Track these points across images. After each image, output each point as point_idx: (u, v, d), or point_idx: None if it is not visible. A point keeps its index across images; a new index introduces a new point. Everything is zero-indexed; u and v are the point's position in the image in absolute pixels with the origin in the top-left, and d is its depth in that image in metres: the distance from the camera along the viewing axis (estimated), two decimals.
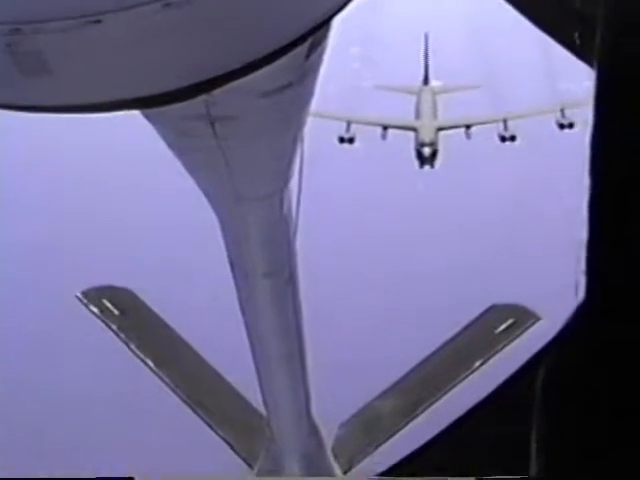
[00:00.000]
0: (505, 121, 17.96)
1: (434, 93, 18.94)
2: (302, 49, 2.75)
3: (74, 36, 1.83)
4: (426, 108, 18.63)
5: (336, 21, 2.46)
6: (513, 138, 17.94)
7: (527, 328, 10.96)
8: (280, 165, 4.53)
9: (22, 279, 15.43)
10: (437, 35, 18.64)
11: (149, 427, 13.90)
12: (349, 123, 17.91)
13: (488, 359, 10.78)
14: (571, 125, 17.58)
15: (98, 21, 1.82)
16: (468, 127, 18.09)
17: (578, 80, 14.91)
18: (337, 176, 16.28)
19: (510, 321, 11.03)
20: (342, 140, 17.79)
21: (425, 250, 16.34)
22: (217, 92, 2.44)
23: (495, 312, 11.20)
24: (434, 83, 19.09)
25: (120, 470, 10.95)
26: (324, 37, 3.02)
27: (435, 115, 18.62)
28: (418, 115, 18.62)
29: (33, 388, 14.37)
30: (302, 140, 4.48)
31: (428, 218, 16.97)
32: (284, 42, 2.14)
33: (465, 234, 16.44)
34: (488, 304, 11.23)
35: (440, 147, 17.95)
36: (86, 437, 13.91)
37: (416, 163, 17.91)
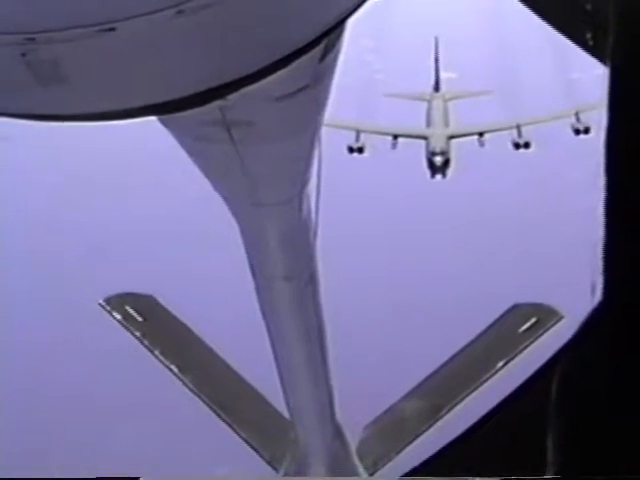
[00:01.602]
0: (519, 127, 17.50)
1: (445, 100, 18.48)
2: (316, 51, 2.75)
3: (88, 44, 1.84)
4: (437, 116, 18.20)
5: (350, 21, 2.46)
6: (527, 145, 17.49)
7: (550, 327, 10.90)
8: (298, 169, 4.53)
9: (38, 289, 15.50)
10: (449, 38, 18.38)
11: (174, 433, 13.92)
12: (358, 132, 17.52)
13: (512, 359, 10.73)
14: (587, 130, 17.10)
15: (112, 29, 1.82)
16: (481, 134, 17.64)
17: (589, 69, 14.73)
18: (346, 187, 16.04)
19: (533, 320, 10.98)
20: (351, 150, 17.34)
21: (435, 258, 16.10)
22: (232, 97, 2.44)
23: (518, 311, 11.16)
24: (445, 89, 18.76)
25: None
26: (338, 39, 3.01)
27: (447, 123, 18.19)
28: (429, 123, 18.20)
29: (55, 396, 14.43)
30: (320, 142, 4.48)
31: (440, 228, 16.67)
32: (298, 46, 2.14)
33: (477, 244, 16.15)
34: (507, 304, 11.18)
35: (452, 155, 17.56)
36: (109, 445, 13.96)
37: (427, 173, 17.53)
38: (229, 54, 2.06)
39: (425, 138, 17.71)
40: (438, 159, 17.32)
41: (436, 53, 18.52)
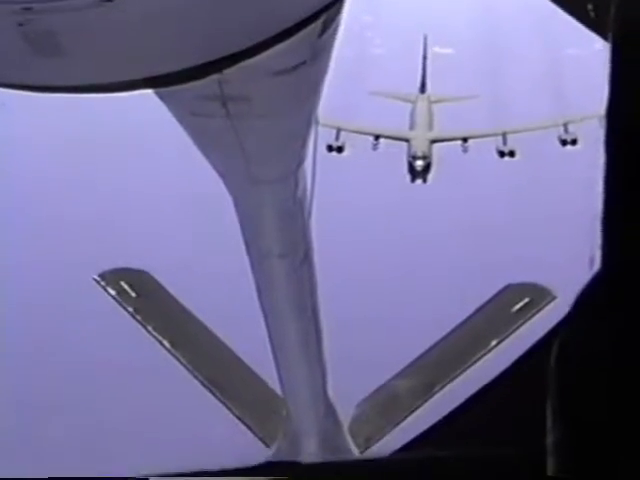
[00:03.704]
0: (504, 135, 16.87)
1: (430, 102, 17.83)
2: (315, 27, 2.73)
3: (86, 15, 1.82)
4: (421, 118, 17.53)
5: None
6: (512, 153, 16.83)
7: (543, 307, 10.94)
8: (294, 146, 4.52)
9: (34, 264, 15.46)
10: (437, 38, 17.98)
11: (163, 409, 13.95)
12: (339, 131, 16.81)
13: (504, 338, 10.77)
14: (574, 142, 16.58)
15: (110, 0, 1.81)
16: (465, 140, 17.02)
17: (586, 44, 14.57)
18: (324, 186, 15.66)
19: (526, 300, 11.01)
20: (330, 149, 16.56)
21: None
22: (230, 71, 2.43)
23: (511, 291, 11.19)
24: (430, 91, 17.97)
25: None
26: (337, 15, 3.00)
27: (430, 126, 17.53)
28: (412, 125, 17.54)
29: (52, 367, 14.43)
30: (316, 121, 4.47)
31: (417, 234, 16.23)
32: (296, 20, 2.13)
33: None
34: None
35: (434, 160, 16.93)
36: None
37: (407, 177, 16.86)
38: (227, 27, 2.04)
39: (407, 140, 17.17)
40: (419, 163, 16.78)
41: (424, 52, 17.84)
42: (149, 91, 2.58)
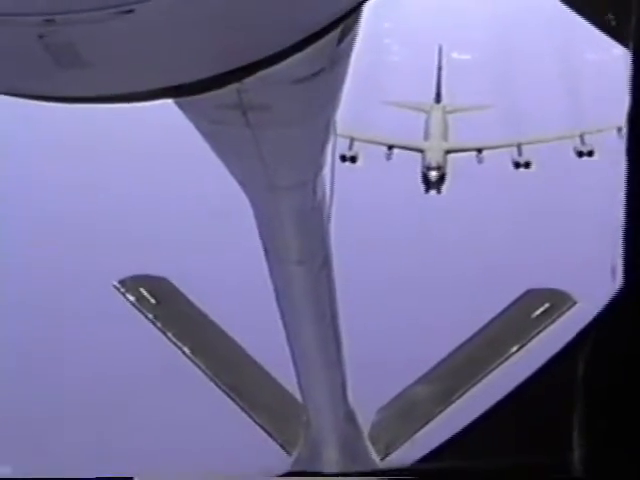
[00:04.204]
0: (519, 146, 16.68)
1: (445, 112, 17.63)
2: (334, 35, 2.73)
3: (107, 26, 1.83)
4: (435, 128, 17.30)
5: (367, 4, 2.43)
6: (528, 165, 16.60)
7: (564, 312, 10.88)
8: (313, 152, 4.52)
9: (55, 268, 15.51)
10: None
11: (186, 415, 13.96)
12: (352, 140, 16.59)
13: (525, 344, 10.72)
14: (590, 153, 16.37)
15: (130, 10, 1.81)
16: (480, 151, 16.79)
17: (604, 51, 14.43)
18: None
19: (546, 305, 10.96)
20: (344, 159, 16.28)
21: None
22: (249, 80, 2.43)
23: (531, 296, 11.13)
24: (446, 101, 17.78)
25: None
26: (355, 22, 2.99)
27: (445, 136, 17.29)
28: (427, 135, 17.30)
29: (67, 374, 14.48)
30: (335, 126, 4.46)
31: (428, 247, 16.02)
32: (315, 29, 2.13)
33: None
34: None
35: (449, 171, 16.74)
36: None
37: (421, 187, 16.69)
38: (247, 37, 2.05)
39: (421, 151, 16.97)
40: (433, 174, 16.56)
41: (439, 62, 17.69)
42: (169, 100, 2.59)
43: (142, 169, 16.39)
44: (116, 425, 13.84)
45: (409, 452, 10.09)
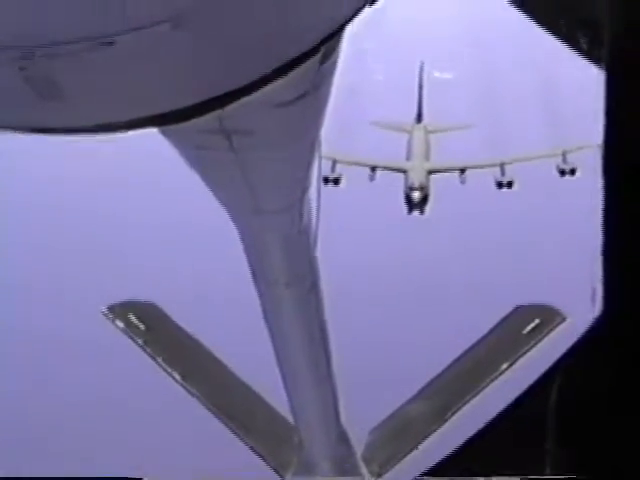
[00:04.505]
0: (502, 165, 16.60)
1: (427, 132, 17.55)
2: (315, 58, 2.74)
3: (87, 58, 1.83)
4: (418, 148, 17.22)
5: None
6: (510, 184, 16.54)
7: (554, 328, 10.89)
8: (298, 174, 4.52)
9: (43, 291, 15.47)
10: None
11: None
12: (335, 162, 16.44)
13: (516, 360, 10.72)
14: (573, 171, 16.35)
15: (111, 43, 1.81)
16: (462, 171, 16.72)
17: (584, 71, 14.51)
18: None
19: (536, 321, 10.96)
20: (327, 181, 15.98)
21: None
22: (231, 105, 2.43)
23: (521, 313, 11.14)
24: (427, 121, 17.68)
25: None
26: (337, 44, 3.00)
27: (427, 156, 17.24)
28: (409, 156, 17.22)
29: (59, 401, 14.41)
30: (320, 147, 4.46)
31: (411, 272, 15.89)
32: (296, 54, 2.13)
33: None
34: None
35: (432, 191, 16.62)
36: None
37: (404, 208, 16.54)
38: (227, 64, 2.05)
39: (404, 171, 16.89)
40: (416, 194, 16.48)
41: (420, 80, 17.62)
42: (153, 129, 2.59)
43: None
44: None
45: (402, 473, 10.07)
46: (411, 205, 16.57)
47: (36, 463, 12.90)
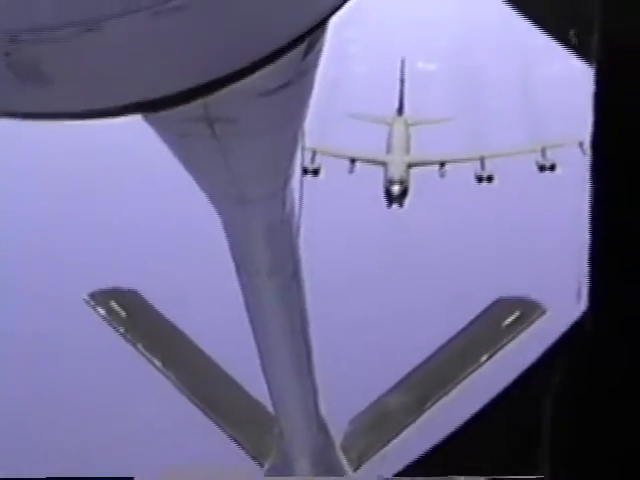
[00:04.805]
0: (482, 159, 16.59)
1: (408, 125, 17.50)
2: (300, 47, 2.74)
3: (73, 44, 1.83)
4: (398, 141, 17.15)
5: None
6: (490, 178, 16.55)
7: (534, 320, 10.95)
8: (281, 164, 4.53)
9: (24, 283, 15.45)
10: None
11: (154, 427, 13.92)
12: (314, 153, 16.37)
13: (495, 352, 10.78)
14: (552, 167, 16.41)
15: (98, 28, 1.81)
16: (442, 164, 16.67)
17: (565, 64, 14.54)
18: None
19: (517, 314, 11.02)
20: (306, 171, 15.70)
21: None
22: (216, 93, 2.43)
23: (501, 305, 11.20)
24: (408, 114, 17.61)
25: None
26: (322, 34, 3.00)
27: (407, 150, 17.15)
28: (389, 148, 17.14)
29: (35, 391, 14.40)
30: (303, 136, 4.48)
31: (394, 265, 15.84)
32: (282, 44, 2.14)
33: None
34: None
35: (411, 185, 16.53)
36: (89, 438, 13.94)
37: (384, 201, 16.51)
38: (212, 52, 2.05)
39: (384, 164, 16.80)
40: (396, 188, 16.40)
41: (401, 74, 17.56)
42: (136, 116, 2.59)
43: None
44: None
45: (381, 463, 10.12)
46: (390, 198, 16.52)
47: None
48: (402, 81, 17.69)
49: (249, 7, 2.00)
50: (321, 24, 2.24)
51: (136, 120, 2.67)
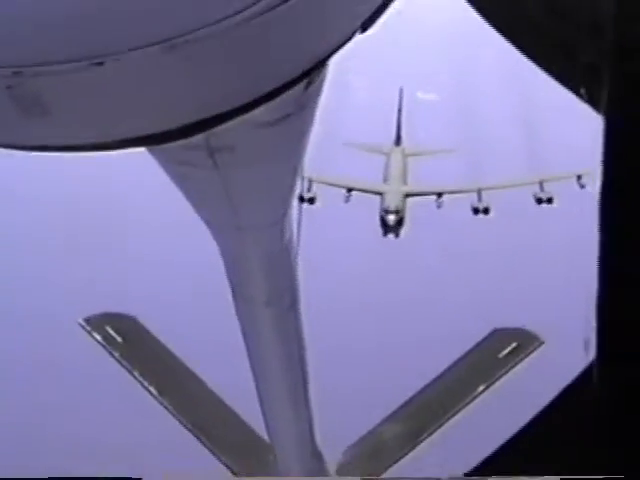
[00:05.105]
0: (479, 191, 16.56)
1: (405, 155, 17.47)
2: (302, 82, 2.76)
3: (75, 78, 1.84)
4: (395, 171, 17.15)
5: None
6: (487, 210, 16.49)
7: (531, 352, 10.93)
8: (281, 194, 4.53)
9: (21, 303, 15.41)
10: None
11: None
12: (311, 182, 16.35)
13: (492, 383, 10.74)
14: (550, 200, 16.35)
15: (100, 63, 1.82)
16: (439, 195, 16.65)
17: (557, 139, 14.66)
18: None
19: (513, 345, 10.99)
20: (302, 199, 15.95)
21: None
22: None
23: (498, 336, 11.18)
24: (406, 144, 17.55)
25: None
26: (324, 67, 3.02)
27: (404, 180, 17.14)
28: (386, 178, 17.13)
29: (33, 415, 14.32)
30: (302, 168, 4.49)
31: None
32: (285, 80, 2.15)
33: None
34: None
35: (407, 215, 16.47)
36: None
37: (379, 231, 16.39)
38: (216, 87, 2.06)
39: (380, 194, 16.79)
40: (392, 218, 16.40)
41: (399, 104, 17.46)
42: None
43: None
44: None
45: None
46: (386, 228, 16.49)
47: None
48: (400, 111, 17.60)
49: (256, 44, 2.01)
50: (323, 62, 2.26)
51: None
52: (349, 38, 2.27)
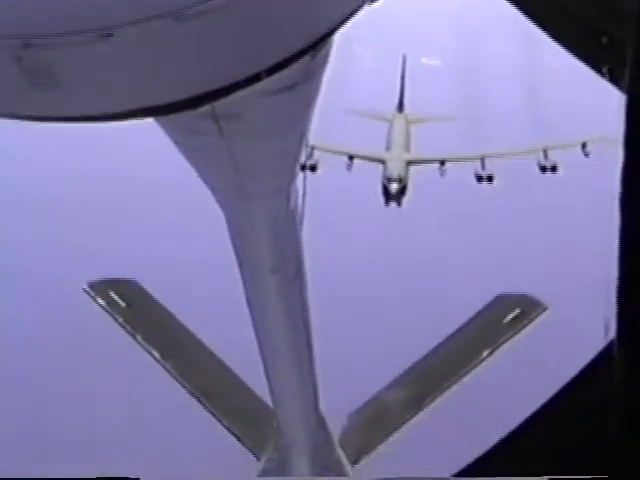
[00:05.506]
0: (483, 159, 16.40)
1: (408, 122, 17.24)
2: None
3: (85, 50, 1.83)
4: (397, 138, 16.93)
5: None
6: (490, 178, 16.36)
7: (534, 318, 10.95)
8: (286, 163, 4.52)
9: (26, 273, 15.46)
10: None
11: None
12: (312, 149, 16.16)
13: (496, 349, 10.77)
14: (554, 168, 16.25)
15: (110, 35, 1.81)
16: (442, 163, 16.45)
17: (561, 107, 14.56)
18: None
19: (517, 311, 11.00)
20: (303, 167, 15.24)
21: None
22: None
23: (502, 302, 11.18)
24: (409, 111, 17.36)
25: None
26: (330, 37, 3.00)
27: (407, 147, 16.91)
28: (388, 145, 16.89)
29: (36, 382, 14.41)
30: (307, 137, 4.47)
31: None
32: (292, 51, 2.14)
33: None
34: None
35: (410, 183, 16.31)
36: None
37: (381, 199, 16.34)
38: (224, 59, 2.05)
39: (382, 161, 16.57)
40: (394, 186, 16.18)
41: (402, 71, 17.33)
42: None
43: None
44: None
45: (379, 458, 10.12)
46: (388, 196, 16.33)
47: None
48: (403, 77, 17.48)
49: (263, 15, 1.99)
50: (330, 33, 2.24)
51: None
52: (358, 9, 2.25)
